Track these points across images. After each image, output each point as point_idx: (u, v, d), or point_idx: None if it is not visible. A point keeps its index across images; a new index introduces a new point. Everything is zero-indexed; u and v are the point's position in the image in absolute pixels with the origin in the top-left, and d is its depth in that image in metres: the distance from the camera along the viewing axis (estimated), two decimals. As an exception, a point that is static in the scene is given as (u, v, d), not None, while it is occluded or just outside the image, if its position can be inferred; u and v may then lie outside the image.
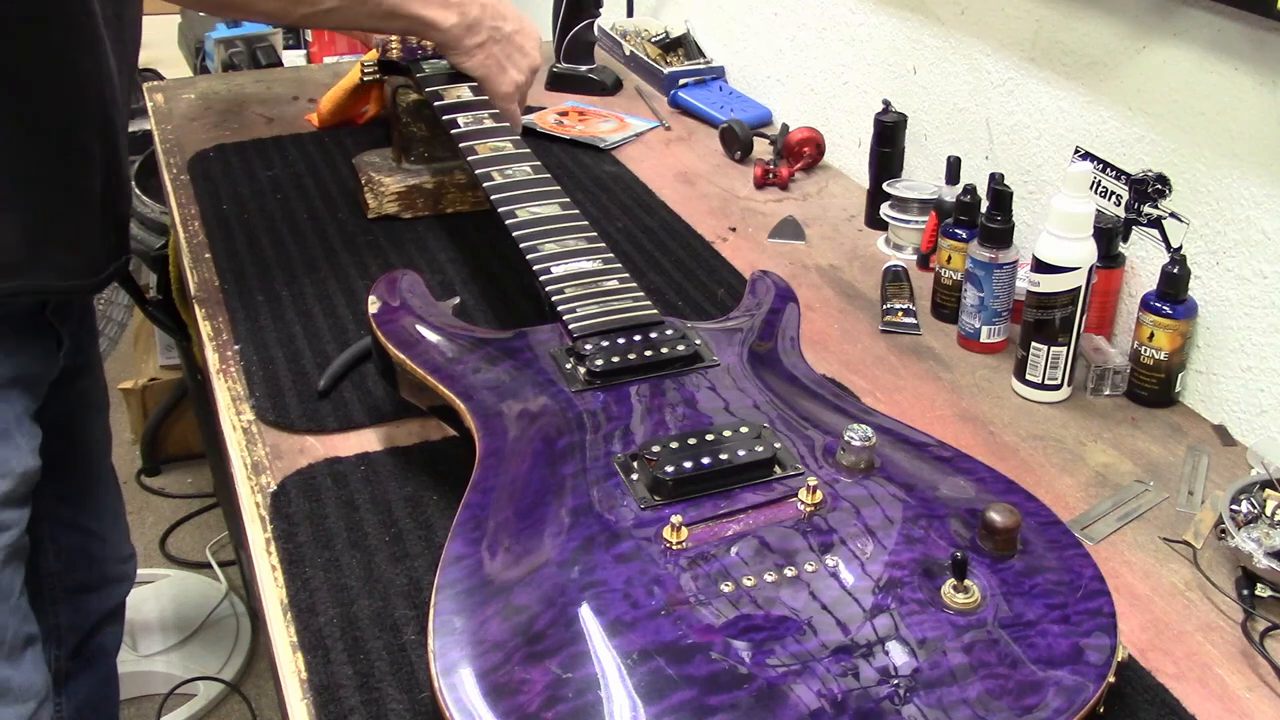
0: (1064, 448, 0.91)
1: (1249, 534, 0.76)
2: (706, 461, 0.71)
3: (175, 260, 1.50)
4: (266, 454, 0.87)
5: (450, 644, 0.60)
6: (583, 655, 0.59)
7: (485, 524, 0.68)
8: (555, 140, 1.47)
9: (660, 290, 1.10)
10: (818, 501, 0.69)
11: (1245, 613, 0.74)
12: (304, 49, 2.58)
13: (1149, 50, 0.98)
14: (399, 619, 0.71)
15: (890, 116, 1.24)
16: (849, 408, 0.81)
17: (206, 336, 1.03)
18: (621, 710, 0.56)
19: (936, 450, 0.76)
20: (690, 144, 1.49)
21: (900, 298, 1.10)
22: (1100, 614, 0.63)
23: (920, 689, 0.58)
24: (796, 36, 1.50)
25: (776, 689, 0.57)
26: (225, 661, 1.92)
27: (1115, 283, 1.01)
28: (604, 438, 0.75)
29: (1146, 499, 0.85)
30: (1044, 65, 1.10)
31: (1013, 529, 0.66)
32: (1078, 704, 0.58)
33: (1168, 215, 0.98)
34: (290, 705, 0.67)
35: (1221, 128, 0.92)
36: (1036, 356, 0.95)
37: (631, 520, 0.68)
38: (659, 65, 1.66)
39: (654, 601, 0.62)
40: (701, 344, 0.85)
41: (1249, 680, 0.70)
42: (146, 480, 2.37)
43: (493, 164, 1.03)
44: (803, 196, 1.35)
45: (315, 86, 1.66)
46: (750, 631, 0.61)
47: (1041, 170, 1.12)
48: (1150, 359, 0.95)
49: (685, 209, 1.29)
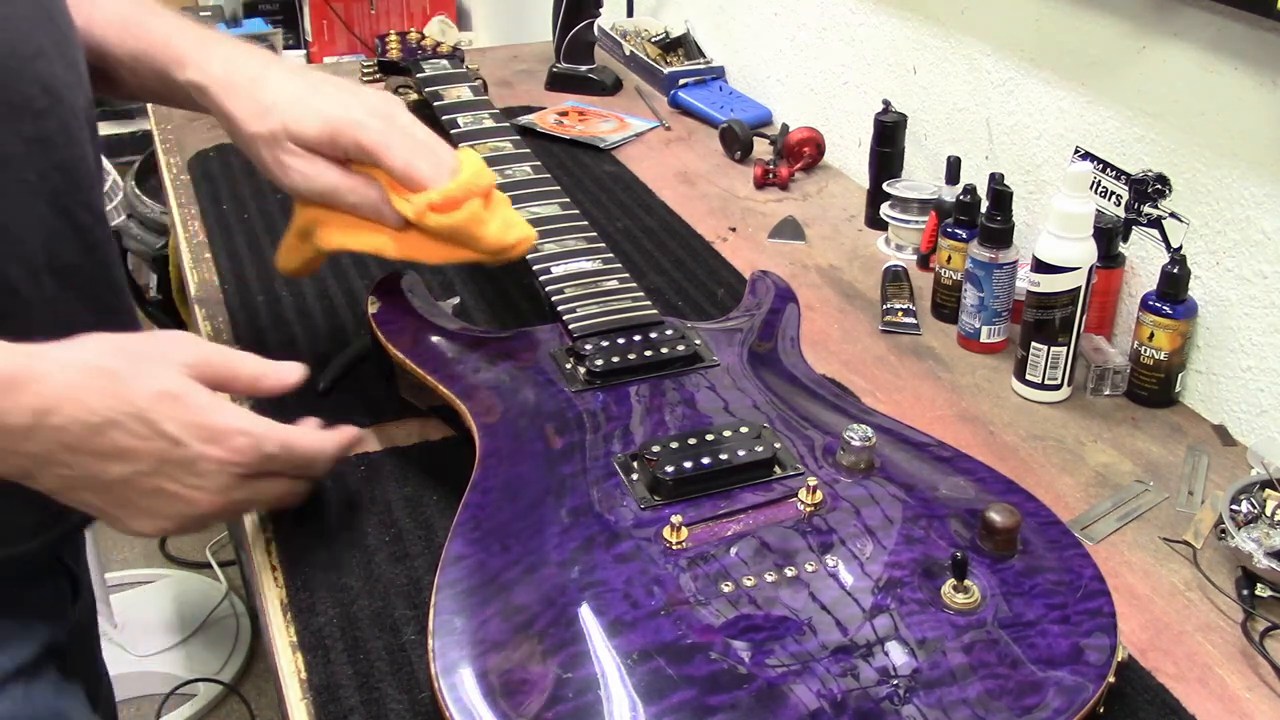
0: (1064, 448, 0.91)
1: (1249, 534, 0.76)
2: (706, 461, 0.71)
3: (175, 260, 1.50)
4: (266, 454, 0.87)
5: (450, 644, 0.60)
6: (583, 655, 0.59)
7: (485, 524, 0.68)
8: (555, 140, 1.47)
9: (660, 290, 1.10)
10: (817, 501, 0.69)
11: (1245, 613, 0.74)
12: (304, 49, 2.58)
13: (1149, 50, 0.98)
14: (399, 619, 0.71)
15: (890, 116, 1.24)
16: (849, 408, 0.81)
17: (206, 336, 1.03)
18: (621, 710, 0.56)
19: (936, 450, 0.76)
20: (690, 144, 1.49)
21: (900, 298, 1.10)
22: (1100, 614, 0.63)
23: (920, 689, 0.58)
24: (796, 36, 1.50)
25: (776, 689, 0.57)
26: (225, 661, 1.92)
27: (1115, 283, 1.01)
28: (604, 438, 0.75)
29: (1146, 499, 0.85)
30: (1044, 65, 1.10)
31: (1012, 529, 0.66)
32: (1077, 704, 0.58)
33: (1168, 215, 0.98)
34: (290, 705, 0.67)
35: (1221, 128, 0.92)
36: (1036, 356, 0.95)
37: (631, 520, 0.68)
38: (659, 65, 1.66)
39: (654, 601, 0.62)
40: (701, 344, 0.85)
41: (1249, 680, 0.70)
42: (146, 480, 2.37)
43: (492, 164, 1.03)
44: (803, 196, 1.35)
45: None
46: (750, 631, 0.61)
47: (1041, 170, 1.12)
48: (1150, 359, 0.95)
49: (685, 209, 1.29)
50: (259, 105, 0.81)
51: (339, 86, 0.83)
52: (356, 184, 0.81)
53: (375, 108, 0.82)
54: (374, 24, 2.56)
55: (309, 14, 2.51)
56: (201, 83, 0.82)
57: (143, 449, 0.63)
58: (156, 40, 0.84)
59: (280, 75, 0.83)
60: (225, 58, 0.83)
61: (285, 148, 0.80)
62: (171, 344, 0.69)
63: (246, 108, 0.81)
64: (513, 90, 1.66)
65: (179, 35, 0.84)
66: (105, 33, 0.84)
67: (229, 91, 0.82)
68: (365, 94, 0.83)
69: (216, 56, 0.83)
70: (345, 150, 0.80)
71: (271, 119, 0.80)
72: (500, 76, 1.70)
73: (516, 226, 0.84)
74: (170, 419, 0.64)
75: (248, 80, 0.82)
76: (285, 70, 0.84)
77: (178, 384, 0.65)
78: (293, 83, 0.82)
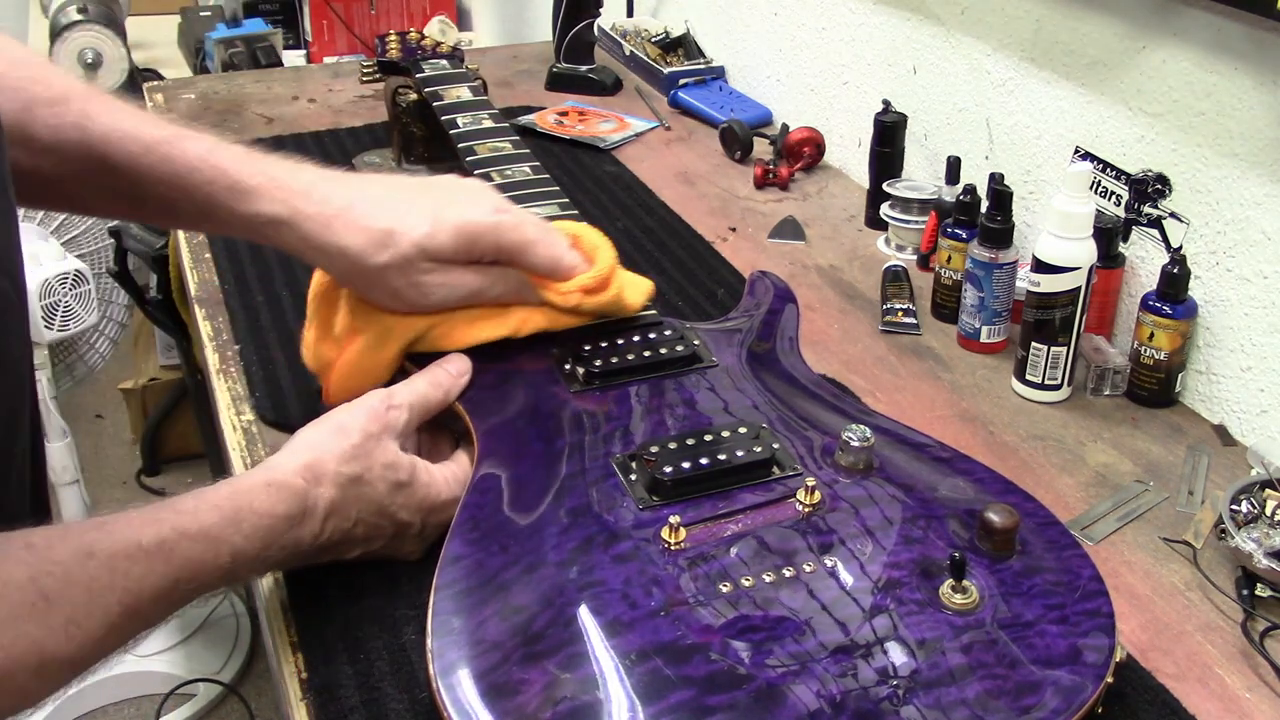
0: (1064, 448, 0.91)
1: (1249, 534, 0.76)
2: (705, 462, 0.71)
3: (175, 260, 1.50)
4: (266, 454, 0.87)
5: (448, 644, 0.60)
6: (581, 655, 0.59)
7: (484, 524, 0.68)
8: (555, 140, 1.47)
9: (660, 290, 1.10)
10: (816, 502, 0.69)
11: (1245, 613, 0.74)
12: (304, 49, 2.58)
13: (1149, 50, 0.98)
14: (399, 619, 0.71)
15: (890, 116, 1.24)
16: (847, 408, 0.81)
17: (206, 336, 1.03)
18: (620, 710, 0.56)
19: (935, 451, 0.76)
20: (690, 144, 1.49)
21: (900, 298, 1.10)
22: (1098, 614, 0.63)
23: (918, 689, 0.58)
24: (796, 36, 1.50)
25: (775, 689, 0.57)
26: (225, 661, 1.92)
27: (1115, 283, 1.01)
28: (603, 438, 0.75)
29: (1146, 499, 0.85)
30: (1044, 65, 1.10)
31: (1011, 529, 0.66)
32: (1076, 704, 0.58)
33: (1168, 215, 0.98)
34: (290, 705, 0.67)
35: (1221, 128, 0.92)
36: (1036, 356, 0.95)
37: (630, 521, 0.68)
38: (659, 65, 1.66)
39: (652, 602, 0.62)
40: (700, 344, 0.85)
41: (1249, 680, 0.70)
42: (146, 480, 2.37)
43: (492, 164, 1.03)
44: (803, 196, 1.35)
45: (315, 86, 1.67)
46: (749, 632, 0.60)
47: (1041, 170, 1.12)
48: (1150, 359, 0.95)
49: (685, 209, 1.29)
50: (374, 232, 0.75)
51: (418, 185, 0.81)
52: (496, 276, 0.79)
53: (494, 205, 0.79)
54: (374, 24, 2.56)
55: (309, 14, 2.51)
56: (285, 216, 0.75)
57: (383, 532, 0.72)
58: (200, 164, 0.75)
59: (366, 191, 0.77)
60: (302, 185, 0.76)
61: (421, 268, 0.76)
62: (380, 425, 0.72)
63: (362, 240, 0.75)
64: (513, 90, 1.66)
65: (230, 159, 0.76)
66: (130, 149, 0.75)
67: (330, 224, 0.75)
68: (452, 182, 0.81)
69: (287, 184, 0.76)
70: (481, 255, 0.78)
71: (399, 242, 0.75)
72: (500, 76, 1.70)
73: (639, 284, 0.87)
74: (403, 507, 0.71)
75: (344, 206, 0.76)
76: (364, 184, 0.79)
77: (405, 471, 0.71)
78: (379, 194, 0.77)
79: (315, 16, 2.54)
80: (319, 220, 0.75)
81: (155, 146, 0.75)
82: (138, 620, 0.60)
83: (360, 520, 0.69)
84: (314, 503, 0.67)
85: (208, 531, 0.62)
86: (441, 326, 0.80)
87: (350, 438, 0.70)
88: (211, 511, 0.63)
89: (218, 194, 0.76)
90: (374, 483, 0.70)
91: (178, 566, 0.60)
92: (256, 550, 0.64)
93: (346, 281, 0.79)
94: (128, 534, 0.59)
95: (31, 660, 0.54)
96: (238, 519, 0.63)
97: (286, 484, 0.66)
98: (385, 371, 0.81)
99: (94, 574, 0.57)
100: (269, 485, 0.66)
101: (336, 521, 0.68)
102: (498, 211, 0.79)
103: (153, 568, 0.59)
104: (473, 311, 0.81)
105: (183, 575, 0.61)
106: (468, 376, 0.79)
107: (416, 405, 0.75)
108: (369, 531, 0.70)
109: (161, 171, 0.75)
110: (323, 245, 0.76)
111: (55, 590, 0.55)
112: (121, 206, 0.79)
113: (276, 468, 0.68)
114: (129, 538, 0.59)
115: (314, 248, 0.76)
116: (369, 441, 0.70)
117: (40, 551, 0.56)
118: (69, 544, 0.57)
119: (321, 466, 0.68)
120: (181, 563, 0.61)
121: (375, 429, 0.71)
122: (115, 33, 2.30)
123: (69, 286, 1.78)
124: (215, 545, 0.62)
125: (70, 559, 0.57)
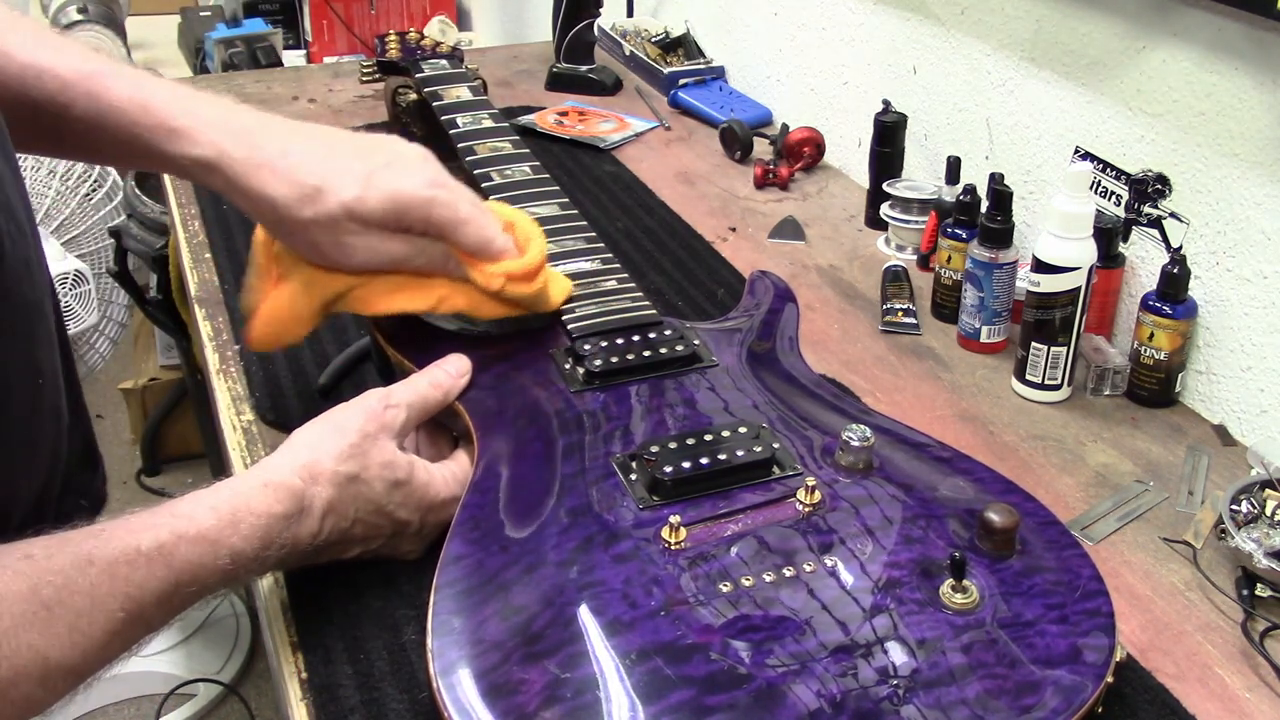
0: (1064, 448, 0.91)
1: (1249, 534, 0.76)
2: (705, 462, 0.71)
3: (175, 260, 1.50)
4: (266, 454, 0.87)
5: (448, 644, 0.60)
6: (581, 655, 0.59)
7: (484, 524, 0.68)
8: (555, 140, 1.47)
9: (660, 290, 1.10)
10: (816, 502, 0.69)
11: (1245, 613, 0.74)
12: (304, 49, 2.58)
13: (1149, 50, 0.98)
14: (399, 619, 0.71)
15: (890, 116, 1.24)
16: (847, 408, 0.81)
17: (206, 336, 1.03)
18: (620, 710, 0.56)
19: (935, 450, 0.76)
20: (690, 144, 1.49)
21: (900, 298, 1.10)
22: (1098, 614, 0.63)
23: (918, 689, 0.58)
24: (796, 36, 1.50)
25: (775, 689, 0.57)
26: (225, 661, 1.92)
27: (1115, 283, 1.01)
28: (603, 438, 0.75)
29: (1146, 499, 0.85)
30: (1044, 65, 1.10)
31: (1011, 529, 0.66)
32: (1076, 704, 0.58)
33: (1168, 215, 0.98)
34: (290, 705, 0.67)
35: (1221, 128, 0.92)
36: (1036, 356, 0.95)
37: (630, 520, 0.68)
38: (659, 65, 1.66)
39: (652, 601, 0.62)
40: (700, 344, 0.85)
41: (1249, 680, 0.70)
42: (146, 480, 2.37)
43: (492, 164, 1.03)
44: (803, 196, 1.35)
45: (315, 86, 1.67)
46: (749, 631, 0.60)
47: (1041, 170, 1.12)
48: (1150, 359, 0.95)
49: (685, 209, 1.29)
50: (303, 186, 0.73)
51: (357, 144, 0.78)
52: (423, 247, 0.78)
53: (430, 178, 0.77)
54: (374, 24, 2.56)
55: (309, 14, 2.52)
56: (212, 159, 0.74)
57: (382, 531, 0.72)
58: (125, 103, 0.73)
59: (301, 142, 0.76)
60: (233, 128, 0.75)
61: (347, 229, 0.75)
62: (378, 424, 0.72)
63: (288, 191, 0.73)
64: (513, 90, 1.66)
65: (159, 98, 0.74)
66: (47, 86, 0.73)
67: (258, 172, 0.74)
68: (392, 147, 0.78)
69: (218, 125, 0.75)
70: (411, 226, 0.76)
71: (327, 201, 0.74)
72: (500, 76, 1.70)
73: (559, 282, 0.85)
74: (401, 506, 0.71)
75: (275, 155, 0.74)
76: (300, 134, 0.77)
77: (402, 470, 0.71)
78: (315, 147, 0.75)
79: (315, 16, 2.54)
80: (246, 165, 0.74)
81: (77, 83, 0.73)
82: (140, 625, 0.60)
83: (358, 519, 0.70)
84: (311, 502, 0.67)
85: (206, 534, 0.62)
86: (361, 290, 0.79)
87: (347, 437, 0.70)
88: (209, 514, 0.63)
89: (143, 134, 0.73)
90: (371, 482, 0.70)
91: (178, 570, 0.60)
92: (255, 551, 0.64)
93: (271, 229, 0.78)
94: (126, 540, 0.59)
95: (36, 669, 0.54)
96: (235, 520, 0.63)
97: (283, 483, 0.66)
98: (304, 325, 0.80)
99: (95, 581, 0.57)
100: (266, 485, 0.66)
101: (334, 520, 0.68)
102: (433, 185, 0.77)
103: (153, 572, 0.59)
104: (395, 279, 0.79)
105: (183, 578, 0.61)
106: (468, 377, 0.80)
107: (415, 405, 0.75)
108: (367, 531, 0.71)
109: (83, 108, 0.73)
110: (246, 190, 0.74)
111: (56, 599, 0.56)
112: (44, 144, 0.77)
113: (273, 468, 0.68)
114: (128, 543, 0.59)
115: (238, 191, 0.75)
116: (366, 440, 0.70)
117: (39, 562, 0.56)
118: (68, 553, 0.57)
119: (318, 466, 0.68)
120: (181, 566, 0.61)
121: (372, 428, 0.71)
122: (115, 32, 2.30)
123: (69, 286, 1.78)
124: (214, 547, 0.62)
125: (70, 567, 0.57)
